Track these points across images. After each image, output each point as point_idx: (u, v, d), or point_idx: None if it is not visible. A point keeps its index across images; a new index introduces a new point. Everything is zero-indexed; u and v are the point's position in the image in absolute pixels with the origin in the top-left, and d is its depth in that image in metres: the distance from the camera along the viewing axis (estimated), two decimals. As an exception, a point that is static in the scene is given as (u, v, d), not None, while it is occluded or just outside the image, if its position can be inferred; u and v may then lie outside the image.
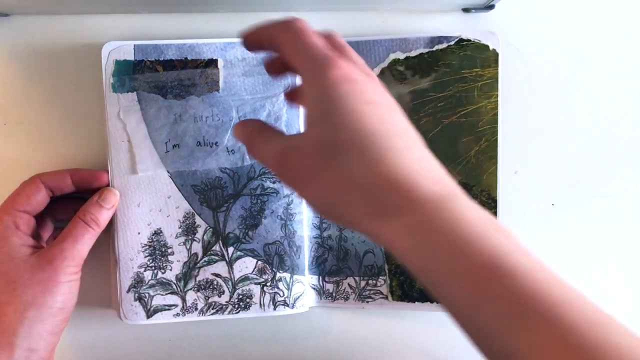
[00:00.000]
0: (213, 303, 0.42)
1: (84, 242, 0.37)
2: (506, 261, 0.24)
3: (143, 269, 0.41)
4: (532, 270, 0.24)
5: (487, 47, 0.41)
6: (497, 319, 0.24)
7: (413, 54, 0.41)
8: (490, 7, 0.42)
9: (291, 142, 0.30)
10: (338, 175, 0.27)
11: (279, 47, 0.31)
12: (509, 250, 0.25)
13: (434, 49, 0.41)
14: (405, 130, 0.29)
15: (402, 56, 0.42)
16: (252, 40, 0.33)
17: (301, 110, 0.42)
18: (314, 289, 0.43)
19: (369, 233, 0.28)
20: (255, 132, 0.32)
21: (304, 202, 0.42)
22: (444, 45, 0.41)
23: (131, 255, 0.41)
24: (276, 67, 0.35)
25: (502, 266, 0.24)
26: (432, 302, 0.43)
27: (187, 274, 0.42)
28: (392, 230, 0.26)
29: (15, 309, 0.34)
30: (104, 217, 0.39)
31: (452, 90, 0.41)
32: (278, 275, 0.42)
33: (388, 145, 0.27)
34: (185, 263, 0.42)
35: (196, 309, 0.42)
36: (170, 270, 0.42)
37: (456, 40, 0.41)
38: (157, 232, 0.41)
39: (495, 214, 0.42)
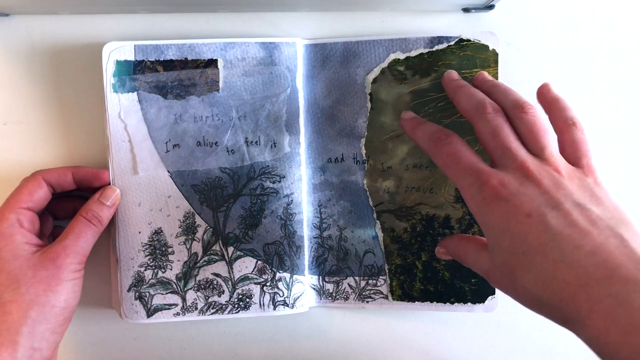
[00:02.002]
0: (213, 303, 0.42)
1: (86, 239, 0.37)
2: None
3: (143, 268, 0.41)
4: None
5: (487, 47, 0.41)
6: None
7: (413, 54, 0.41)
8: (490, 7, 0.42)
9: (488, 263, 0.32)
10: (527, 295, 0.30)
11: (437, 160, 0.35)
12: None
13: (434, 49, 0.41)
14: (565, 224, 0.29)
15: (402, 56, 0.42)
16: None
17: (301, 110, 0.42)
18: (314, 289, 0.43)
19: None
20: (461, 252, 0.36)
21: (303, 201, 0.42)
22: (444, 45, 0.41)
23: (132, 254, 0.41)
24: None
25: None
26: (432, 302, 0.43)
27: (187, 273, 0.42)
28: (583, 339, 0.27)
29: (19, 307, 0.34)
30: (105, 215, 0.39)
31: (452, 91, 0.41)
32: (278, 275, 0.42)
33: (554, 256, 0.28)
34: (185, 262, 0.42)
35: (196, 308, 0.42)
36: (171, 269, 0.42)
37: (456, 40, 0.41)
38: (158, 232, 0.41)
39: (495, 214, 0.42)
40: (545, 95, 0.36)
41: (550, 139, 0.33)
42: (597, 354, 0.27)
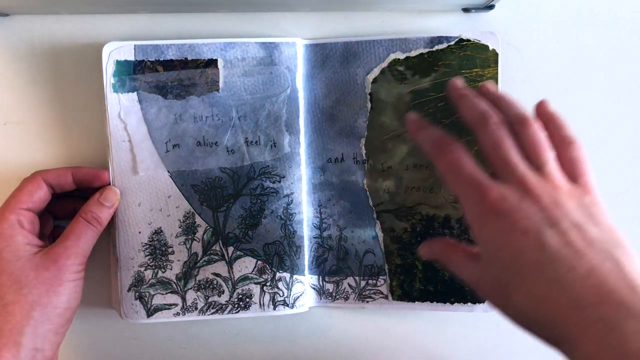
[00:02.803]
0: (213, 302, 0.42)
1: (86, 240, 0.38)
2: None
3: (143, 268, 0.41)
4: None
5: (486, 47, 0.41)
6: None
7: (413, 54, 0.41)
8: (490, 7, 0.42)
9: (477, 274, 0.32)
10: (515, 311, 0.30)
11: (438, 166, 0.34)
12: None
13: (434, 49, 0.41)
14: (561, 243, 0.29)
15: (402, 56, 0.42)
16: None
17: (301, 110, 0.42)
18: (314, 289, 0.44)
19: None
20: (446, 258, 0.35)
21: (303, 201, 0.42)
22: (444, 45, 0.41)
23: (132, 254, 0.41)
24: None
25: None
26: (432, 301, 0.43)
27: (187, 273, 0.42)
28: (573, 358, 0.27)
29: (22, 308, 0.34)
30: (105, 216, 0.39)
31: (452, 91, 0.41)
32: (278, 275, 0.42)
33: (547, 276, 0.28)
34: (185, 262, 0.42)
35: (196, 308, 0.42)
36: (171, 269, 0.42)
37: (456, 40, 0.41)
38: (158, 232, 0.41)
39: (495, 214, 0.42)
40: (542, 112, 0.35)
41: (550, 155, 0.32)
42: None
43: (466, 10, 0.43)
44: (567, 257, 0.28)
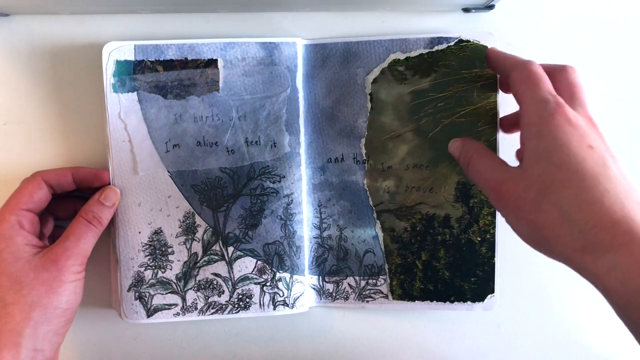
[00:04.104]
0: (213, 303, 0.42)
1: (87, 240, 0.37)
2: None
3: (143, 268, 0.41)
4: None
5: (486, 48, 0.41)
6: None
7: (413, 54, 0.42)
8: (490, 7, 0.42)
9: (509, 174, 0.32)
10: (552, 211, 0.30)
11: (513, 82, 0.35)
12: None
13: (434, 49, 0.41)
14: (622, 175, 0.30)
15: (402, 56, 0.42)
16: (494, 60, 0.39)
17: (301, 110, 0.42)
18: (314, 289, 0.44)
19: (577, 268, 0.29)
20: (476, 155, 0.36)
21: (303, 201, 0.42)
22: (444, 46, 0.41)
23: (132, 254, 0.41)
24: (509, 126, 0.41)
25: None
26: (432, 301, 0.43)
27: (187, 273, 0.42)
28: (601, 268, 0.28)
29: (21, 309, 0.34)
30: (106, 215, 0.39)
31: (452, 91, 0.41)
32: (278, 275, 0.42)
33: (606, 187, 0.29)
34: (185, 262, 0.42)
35: (196, 308, 0.42)
36: (171, 269, 0.42)
37: (456, 41, 0.41)
38: (158, 232, 0.41)
39: (494, 213, 0.42)
40: None
41: None
42: (620, 285, 0.27)
43: (466, 10, 0.43)
44: (624, 185, 0.29)
